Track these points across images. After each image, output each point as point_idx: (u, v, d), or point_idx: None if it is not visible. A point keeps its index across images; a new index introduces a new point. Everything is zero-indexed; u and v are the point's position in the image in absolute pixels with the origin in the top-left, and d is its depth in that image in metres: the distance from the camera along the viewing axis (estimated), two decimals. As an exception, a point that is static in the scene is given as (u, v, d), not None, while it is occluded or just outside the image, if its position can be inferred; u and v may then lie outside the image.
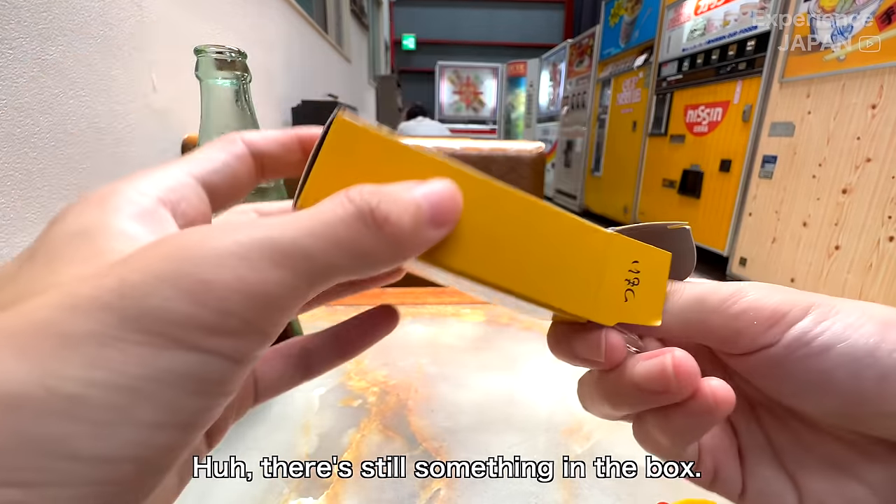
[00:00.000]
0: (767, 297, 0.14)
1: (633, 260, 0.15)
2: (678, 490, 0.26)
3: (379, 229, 0.11)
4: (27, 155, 0.75)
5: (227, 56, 0.30)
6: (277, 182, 0.34)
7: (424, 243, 0.12)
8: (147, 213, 0.11)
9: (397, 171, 0.13)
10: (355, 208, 0.11)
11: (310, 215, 0.11)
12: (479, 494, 0.25)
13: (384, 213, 0.11)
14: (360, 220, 0.11)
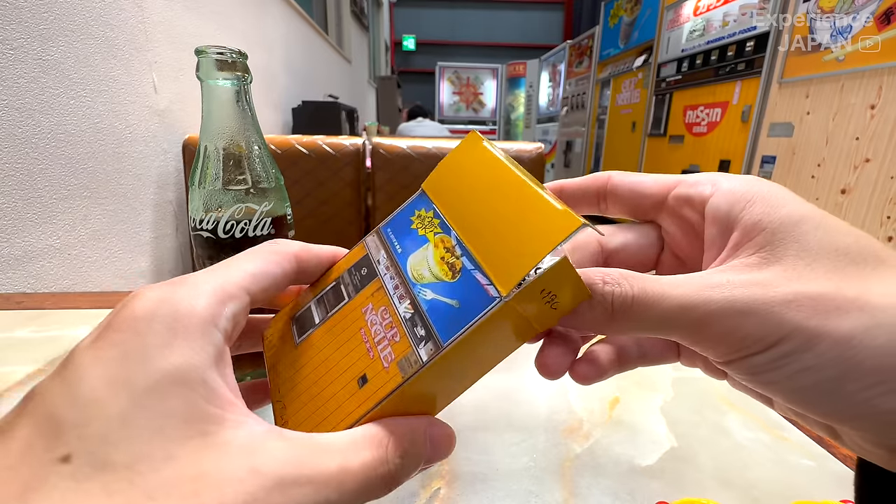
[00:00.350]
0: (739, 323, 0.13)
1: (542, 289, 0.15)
2: (677, 489, 0.26)
3: (388, 489, 0.14)
4: (28, 155, 0.75)
5: (228, 57, 0.30)
6: (279, 182, 0.34)
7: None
8: (221, 355, 0.13)
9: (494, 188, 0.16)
10: (388, 472, 0.14)
11: (359, 470, 0.13)
12: (478, 494, 0.25)
13: (399, 478, 0.14)
14: (385, 482, 0.14)
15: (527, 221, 0.14)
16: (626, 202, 0.19)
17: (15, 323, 0.44)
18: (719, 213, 0.16)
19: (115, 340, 0.12)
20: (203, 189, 0.31)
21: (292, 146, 0.91)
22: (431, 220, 0.17)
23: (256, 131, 0.32)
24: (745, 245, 0.15)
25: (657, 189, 0.18)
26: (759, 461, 0.28)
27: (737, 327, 0.13)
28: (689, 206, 0.17)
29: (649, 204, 0.18)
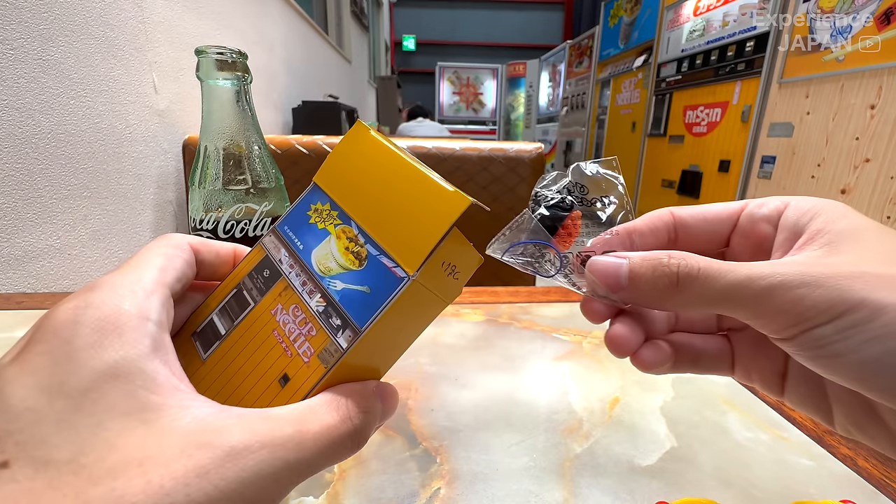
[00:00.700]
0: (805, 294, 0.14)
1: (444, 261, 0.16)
2: (677, 489, 0.26)
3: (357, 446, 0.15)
4: (28, 155, 0.75)
5: (228, 57, 0.30)
6: (279, 182, 0.34)
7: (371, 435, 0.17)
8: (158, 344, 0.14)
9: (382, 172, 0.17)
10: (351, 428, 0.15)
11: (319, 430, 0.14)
12: (478, 493, 0.25)
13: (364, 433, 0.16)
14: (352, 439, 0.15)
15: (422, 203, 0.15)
16: (700, 233, 0.20)
17: (15, 323, 0.44)
18: (789, 222, 0.17)
19: (41, 350, 0.12)
20: (203, 189, 0.31)
21: (292, 146, 0.91)
22: (329, 212, 0.18)
23: (256, 131, 0.32)
24: (809, 244, 0.16)
25: (729, 214, 0.19)
26: (759, 461, 0.28)
27: (802, 297, 0.14)
28: (763, 222, 0.18)
29: (725, 228, 0.19)
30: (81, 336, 0.13)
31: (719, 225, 0.19)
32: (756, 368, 0.19)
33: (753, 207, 0.19)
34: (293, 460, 0.13)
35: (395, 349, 0.18)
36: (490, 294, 0.54)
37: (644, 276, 0.16)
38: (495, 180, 0.93)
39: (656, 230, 0.20)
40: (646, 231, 0.20)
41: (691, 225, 0.19)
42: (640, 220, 0.20)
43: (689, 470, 0.28)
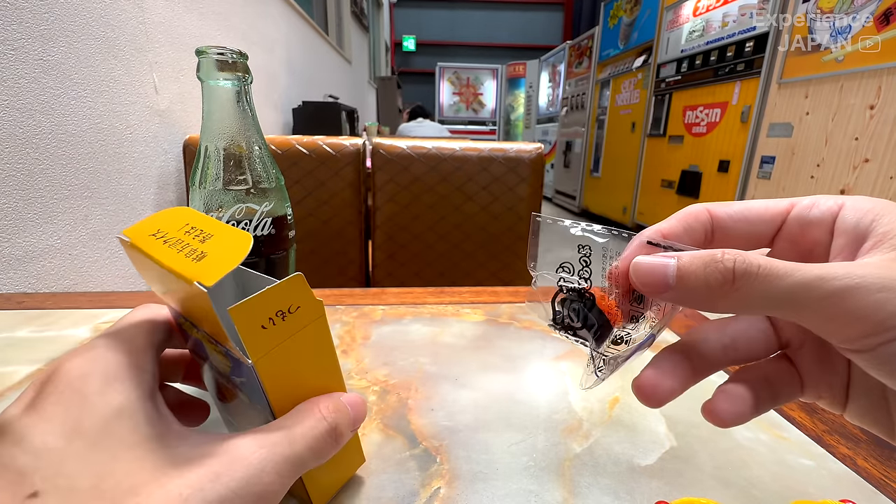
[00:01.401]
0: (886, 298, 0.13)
1: None
2: (677, 489, 0.26)
3: (336, 441, 0.19)
4: (29, 155, 0.75)
5: (229, 57, 0.30)
6: (279, 182, 0.34)
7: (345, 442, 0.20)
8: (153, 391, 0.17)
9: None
10: (328, 426, 0.18)
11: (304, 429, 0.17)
12: (478, 493, 0.25)
13: (340, 429, 0.19)
14: (330, 434, 0.18)
15: (192, 300, 0.16)
16: (739, 234, 0.18)
17: (16, 323, 0.44)
18: (848, 225, 0.16)
19: (54, 400, 0.15)
20: (203, 189, 0.31)
21: (292, 146, 0.91)
22: (188, 324, 0.20)
23: (257, 131, 0.33)
24: (878, 247, 0.14)
25: (774, 215, 0.17)
26: (759, 461, 0.28)
27: (884, 302, 0.12)
28: (815, 226, 0.16)
29: (769, 230, 0.17)
30: (90, 385, 0.15)
31: (762, 226, 0.17)
32: (826, 385, 0.17)
33: (802, 209, 0.17)
34: (289, 454, 0.16)
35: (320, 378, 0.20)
36: (490, 294, 0.54)
37: (695, 272, 0.14)
38: (495, 180, 0.94)
39: (692, 230, 0.18)
40: (680, 232, 0.18)
41: (730, 226, 0.18)
42: (673, 218, 0.18)
43: (689, 470, 0.28)
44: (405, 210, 0.94)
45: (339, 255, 0.95)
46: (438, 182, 0.93)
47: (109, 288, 0.95)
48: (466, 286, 0.67)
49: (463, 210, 0.93)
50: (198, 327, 0.19)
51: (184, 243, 0.17)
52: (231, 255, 0.16)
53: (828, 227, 0.16)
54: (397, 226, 0.95)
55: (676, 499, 0.25)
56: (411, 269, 0.96)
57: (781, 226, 0.17)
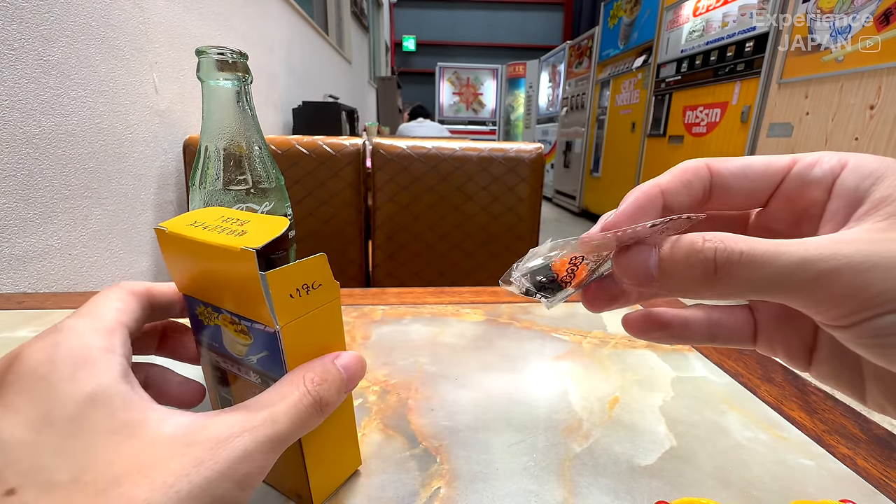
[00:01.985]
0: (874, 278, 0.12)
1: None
2: (677, 489, 0.26)
3: (322, 412, 0.18)
4: (29, 155, 0.75)
5: (229, 57, 0.30)
6: (279, 182, 0.34)
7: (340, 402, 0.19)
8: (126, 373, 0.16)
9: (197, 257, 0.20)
10: (312, 399, 0.18)
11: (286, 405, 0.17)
12: (478, 493, 0.25)
13: (326, 400, 0.18)
14: (315, 407, 0.18)
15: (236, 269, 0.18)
16: (738, 191, 0.17)
17: (16, 323, 0.44)
18: (847, 187, 0.15)
19: (18, 390, 0.14)
20: (204, 189, 0.31)
21: (292, 146, 0.91)
22: (208, 310, 0.21)
23: (257, 131, 0.33)
24: (870, 215, 0.14)
25: (775, 171, 0.16)
26: (759, 461, 0.28)
27: (870, 282, 0.12)
28: (814, 185, 0.16)
29: (767, 187, 0.17)
30: (57, 371, 0.14)
31: (761, 182, 0.17)
32: (781, 340, 0.17)
33: (804, 167, 0.16)
34: (272, 434, 0.16)
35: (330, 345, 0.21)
36: (490, 294, 0.54)
37: (677, 263, 0.14)
38: (495, 180, 0.94)
39: (691, 186, 0.17)
40: (679, 188, 0.17)
41: (730, 182, 0.17)
42: (670, 173, 0.17)
43: (689, 470, 0.28)
44: (405, 210, 0.94)
45: (339, 255, 0.95)
46: (438, 182, 0.93)
47: (109, 288, 0.95)
48: (466, 286, 0.67)
49: (463, 210, 0.93)
50: (221, 310, 0.20)
51: (223, 227, 0.19)
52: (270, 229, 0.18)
53: (827, 187, 0.16)
54: (397, 226, 0.95)
55: (676, 499, 0.25)
56: (411, 269, 0.96)
57: (780, 183, 0.17)
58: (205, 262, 0.19)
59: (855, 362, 0.16)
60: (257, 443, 0.15)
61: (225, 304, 0.20)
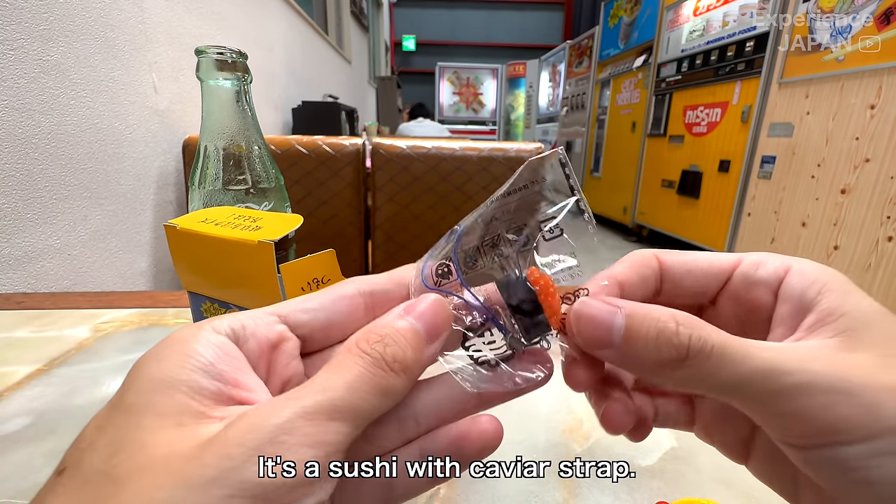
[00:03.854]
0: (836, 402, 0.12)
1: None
2: (677, 489, 0.26)
3: (393, 371, 0.13)
4: (28, 155, 0.75)
5: (228, 57, 0.30)
6: (279, 182, 0.34)
7: (430, 360, 0.15)
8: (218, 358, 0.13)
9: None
10: (371, 359, 0.13)
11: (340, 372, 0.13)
12: (478, 493, 0.25)
13: (391, 356, 0.14)
14: (379, 367, 0.13)
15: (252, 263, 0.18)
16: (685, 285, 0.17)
17: (15, 323, 0.44)
18: (793, 292, 0.15)
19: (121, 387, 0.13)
20: (203, 189, 0.31)
21: (292, 146, 0.91)
22: (214, 306, 0.21)
23: (256, 131, 0.32)
24: (820, 328, 0.14)
25: (719, 270, 0.17)
26: (759, 461, 0.28)
27: (832, 405, 0.12)
28: (760, 286, 0.16)
29: (714, 285, 0.17)
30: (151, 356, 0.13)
31: (707, 280, 0.17)
32: (718, 433, 0.17)
33: (748, 266, 0.16)
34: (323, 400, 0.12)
35: None
36: (490, 294, 0.54)
37: (645, 337, 0.13)
38: (495, 180, 0.93)
39: (645, 279, 0.17)
40: (635, 280, 0.17)
41: (678, 277, 0.17)
42: (625, 265, 0.17)
43: (689, 470, 0.28)
44: (405, 210, 0.94)
45: (339, 254, 0.94)
46: (438, 182, 0.93)
47: (109, 288, 0.95)
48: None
49: (463, 210, 0.93)
50: (229, 305, 0.21)
51: (235, 224, 0.19)
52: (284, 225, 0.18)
53: (772, 289, 0.16)
54: (397, 226, 0.95)
55: (677, 499, 0.25)
56: (411, 268, 0.96)
57: (727, 281, 0.17)
58: (217, 258, 0.20)
59: (790, 468, 0.15)
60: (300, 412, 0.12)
61: (232, 299, 0.20)
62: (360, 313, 0.16)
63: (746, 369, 0.13)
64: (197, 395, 0.12)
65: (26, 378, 0.36)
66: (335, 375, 0.13)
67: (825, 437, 0.12)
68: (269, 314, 0.15)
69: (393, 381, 0.13)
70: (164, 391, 0.12)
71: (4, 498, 0.25)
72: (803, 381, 0.12)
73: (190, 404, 0.12)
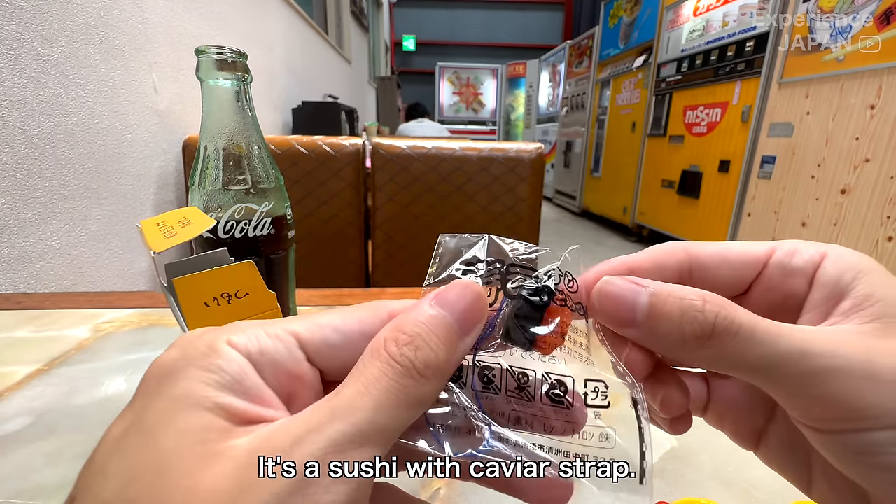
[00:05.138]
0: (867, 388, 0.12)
1: None
2: (678, 489, 0.26)
3: (424, 377, 0.12)
4: (28, 155, 0.75)
5: (228, 57, 0.30)
6: (279, 182, 0.34)
7: (463, 355, 0.13)
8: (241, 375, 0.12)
9: None
10: (401, 369, 0.12)
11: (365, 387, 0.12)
12: (478, 494, 0.25)
13: (423, 361, 0.12)
14: (409, 376, 0.12)
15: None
16: (719, 277, 0.16)
17: (15, 323, 0.44)
18: (828, 278, 0.15)
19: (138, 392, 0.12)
20: (203, 189, 0.31)
21: (292, 146, 0.91)
22: None
23: (256, 131, 0.32)
24: (856, 314, 0.14)
25: (755, 259, 0.16)
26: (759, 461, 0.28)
27: (864, 391, 0.12)
28: (796, 275, 0.16)
29: (748, 274, 0.16)
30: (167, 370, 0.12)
31: (743, 269, 0.16)
32: (732, 420, 0.17)
33: (784, 255, 0.16)
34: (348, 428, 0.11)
35: None
36: (490, 294, 0.54)
37: (669, 315, 0.13)
38: (495, 180, 0.93)
39: (663, 269, 0.16)
40: (649, 267, 0.16)
41: (710, 266, 0.16)
42: (643, 254, 0.16)
43: (689, 470, 0.28)
44: (405, 210, 0.94)
45: (339, 255, 0.95)
46: (438, 182, 0.93)
47: (109, 288, 0.95)
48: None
49: (463, 210, 0.93)
50: None
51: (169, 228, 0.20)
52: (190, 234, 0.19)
53: (808, 276, 0.15)
54: (397, 226, 0.95)
55: (677, 499, 0.25)
56: (411, 269, 0.96)
57: (762, 270, 0.16)
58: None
59: (804, 456, 0.15)
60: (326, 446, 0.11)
61: None
62: None
63: (777, 350, 0.12)
64: (223, 413, 0.11)
65: (26, 378, 0.35)
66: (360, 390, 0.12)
67: (852, 422, 0.12)
68: (291, 336, 0.13)
69: (424, 389, 0.12)
70: (187, 409, 0.11)
71: (4, 498, 0.25)
72: (835, 364, 0.12)
73: (216, 422, 0.11)
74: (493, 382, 0.15)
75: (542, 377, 0.15)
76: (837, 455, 0.13)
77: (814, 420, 0.13)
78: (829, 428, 0.13)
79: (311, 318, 0.14)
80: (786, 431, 0.16)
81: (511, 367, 0.15)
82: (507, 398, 0.15)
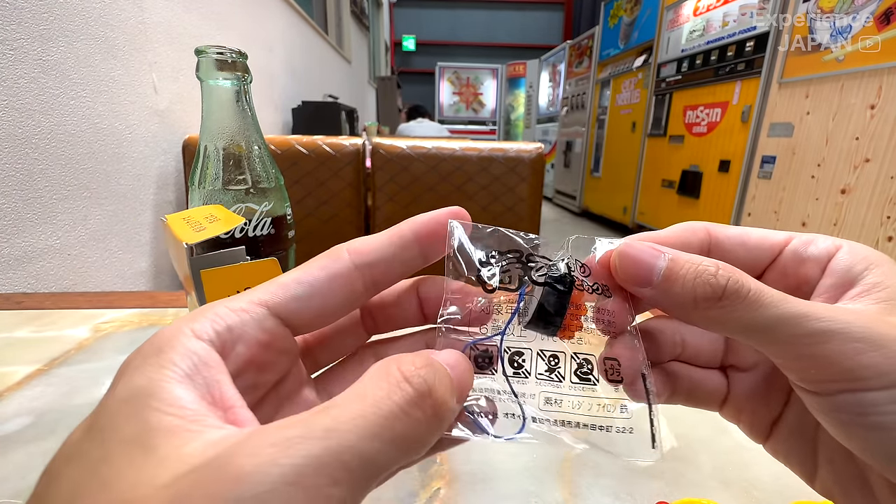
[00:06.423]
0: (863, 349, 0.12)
1: None
2: (677, 489, 0.26)
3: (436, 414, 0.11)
4: (28, 155, 0.75)
5: (228, 57, 0.30)
6: (279, 182, 0.34)
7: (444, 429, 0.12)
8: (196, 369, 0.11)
9: None
10: (413, 392, 0.11)
11: (364, 408, 0.10)
12: (478, 494, 0.25)
13: (440, 395, 0.11)
14: (417, 406, 0.11)
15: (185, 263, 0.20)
16: (736, 259, 0.17)
17: (15, 323, 0.44)
18: (840, 267, 0.15)
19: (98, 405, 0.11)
20: (203, 189, 0.31)
21: (292, 146, 0.91)
22: None
23: (256, 131, 0.32)
24: (864, 296, 0.14)
25: (771, 245, 0.17)
26: (759, 461, 0.28)
27: (860, 352, 0.12)
28: (810, 263, 0.16)
29: (764, 259, 0.17)
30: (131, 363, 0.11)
31: (759, 253, 0.17)
32: (749, 411, 0.18)
33: (800, 244, 0.17)
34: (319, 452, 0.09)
35: None
36: (490, 294, 0.54)
37: (684, 277, 0.14)
38: (495, 180, 0.93)
39: (688, 245, 0.17)
40: (674, 242, 0.17)
41: (728, 249, 0.17)
42: (670, 230, 0.17)
43: (689, 470, 0.28)
44: (405, 210, 0.94)
45: (339, 254, 0.95)
46: (438, 182, 0.93)
47: (108, 288, 0.95)
48: (466, 286, 0.67)
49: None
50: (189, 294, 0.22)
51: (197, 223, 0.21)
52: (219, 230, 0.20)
53: (822, 265, 0.16)
54: (397, 226, 0.95)
55: (677, 499, 0.25)
56: (411, 268, 0.96)
57: (777, 256, 0.17)
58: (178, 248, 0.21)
59: (811, 445, 0.16)
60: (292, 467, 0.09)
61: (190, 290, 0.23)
62: (359, 292, 0.14)
63: (779, 312, 0.13)
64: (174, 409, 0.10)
65: (26, 378, 0.36)
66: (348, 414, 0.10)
67: (847, 382, 0.13)
68: (257, 305, 0.13)
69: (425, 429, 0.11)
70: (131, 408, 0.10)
71: (4, 498, 0.25)
72: (833, 327, 0.13)
73: (164, 422, 0.10)
74: (524, 367, 0.16)
75: (571, 356, 0.16)
76: (832, 417, 0.13)
77: (810, 382, 0.14)
78: (825, 389, 0.13)
79: (273, 281, 0.14)
80: (796, 420, 0.17)
81: (541, 350, 0.16)
82: (538, 380, 0.16)
